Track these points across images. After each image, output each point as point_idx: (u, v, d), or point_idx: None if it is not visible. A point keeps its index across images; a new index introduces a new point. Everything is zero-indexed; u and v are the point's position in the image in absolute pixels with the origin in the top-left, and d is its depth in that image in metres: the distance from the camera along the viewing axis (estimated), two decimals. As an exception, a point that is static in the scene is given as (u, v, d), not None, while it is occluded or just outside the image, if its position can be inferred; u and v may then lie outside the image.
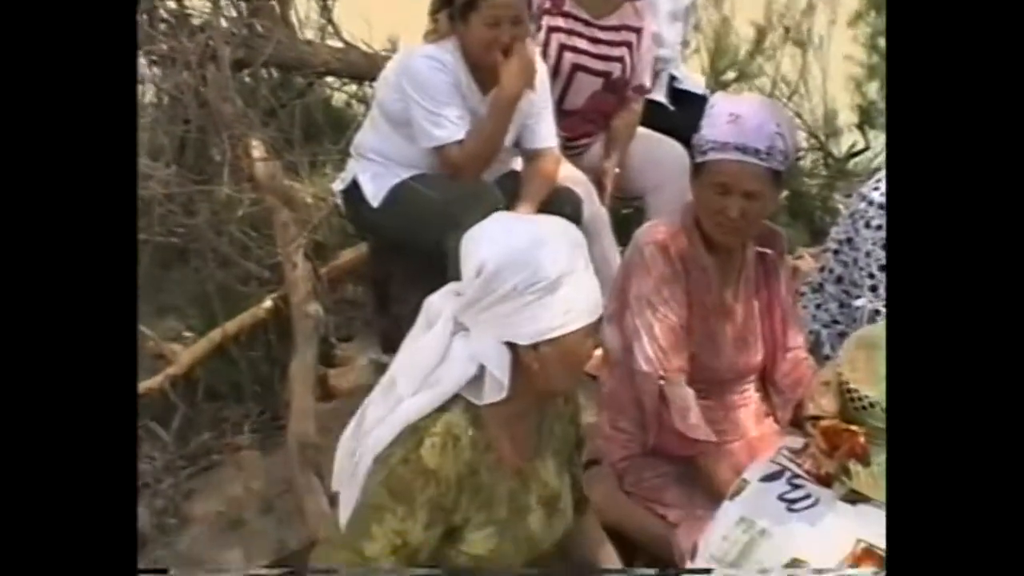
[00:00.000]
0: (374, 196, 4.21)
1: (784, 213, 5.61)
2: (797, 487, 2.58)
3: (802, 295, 3.95)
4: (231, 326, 4.54)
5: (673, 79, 5.17)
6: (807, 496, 2.55)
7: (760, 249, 3.45)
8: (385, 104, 4.21)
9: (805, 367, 3.53)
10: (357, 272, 5.00)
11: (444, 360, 2.52)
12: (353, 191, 4.29)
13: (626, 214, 5.09)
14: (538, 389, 2.56)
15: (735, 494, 2.68)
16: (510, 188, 4.15)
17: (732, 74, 6.56)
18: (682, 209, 3.41)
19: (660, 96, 5.04)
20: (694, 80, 5.36)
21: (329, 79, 6.07)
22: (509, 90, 4.06)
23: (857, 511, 2.49)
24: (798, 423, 3.24)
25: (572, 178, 4.40)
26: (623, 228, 4.46)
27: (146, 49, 5.04)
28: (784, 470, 2.62)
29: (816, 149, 6.40)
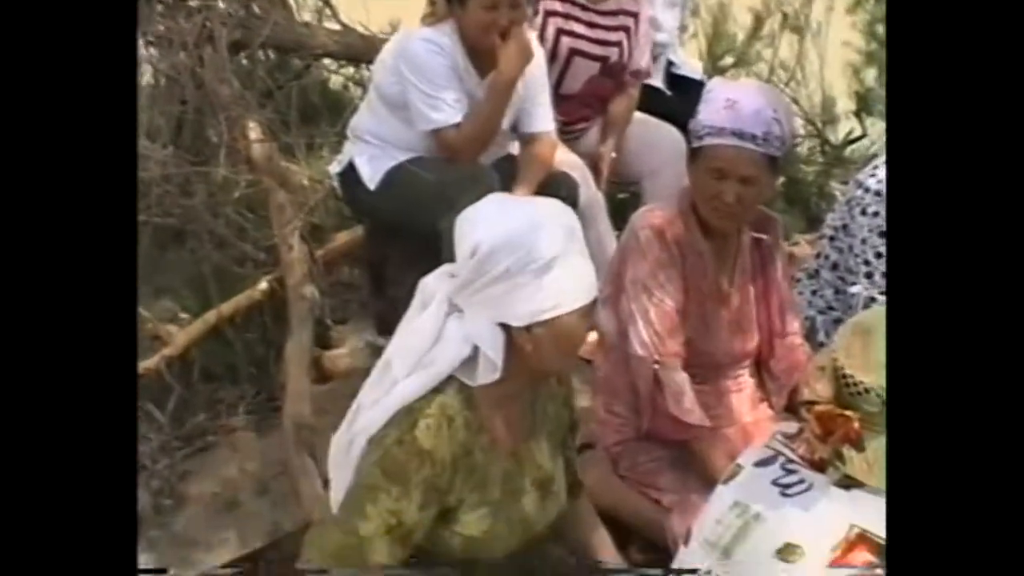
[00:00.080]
0: (371, 179, 4.21)
1: (780, 200, 5.61)
2: (791, 472, 2.58)
3: (798, 281, 3.96)
4: (227, 308, 4.53)
5: (670, 64, 5.18)
6: (801, 481, 2.56)
7: (756, 235, 3.45)
8: (382, 87, 4.20)
9: (800, 353, 3.53)
10: (353, 254, 5.00)
11: (438, 341, 2.53)
12: (350, 173, 4.29)
13: (622, 199, 5.10)
14: (532, 370, 2.56)
15: (729, 479, 2.69)
16: (507, 172, 4.15)
17: (730, 60, 6.56)
18: (678, 194, 3.41)
19: (657, 81, 5.05)
20: (691, 65, 5.36)
21: (326, 61, 6.05)
22: (506, 74, 4.05)
23: (851, 496, 2.49)
24: (793, 408, 3.25)
25: (568, 162, 4.40)
26: (619, 213, 4.47)
27: (143, 30, 5.02)
28: (778, 455, 2.63)
29: (813, 136, 6.40)
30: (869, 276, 3.69)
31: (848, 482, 2.49)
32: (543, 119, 4.28)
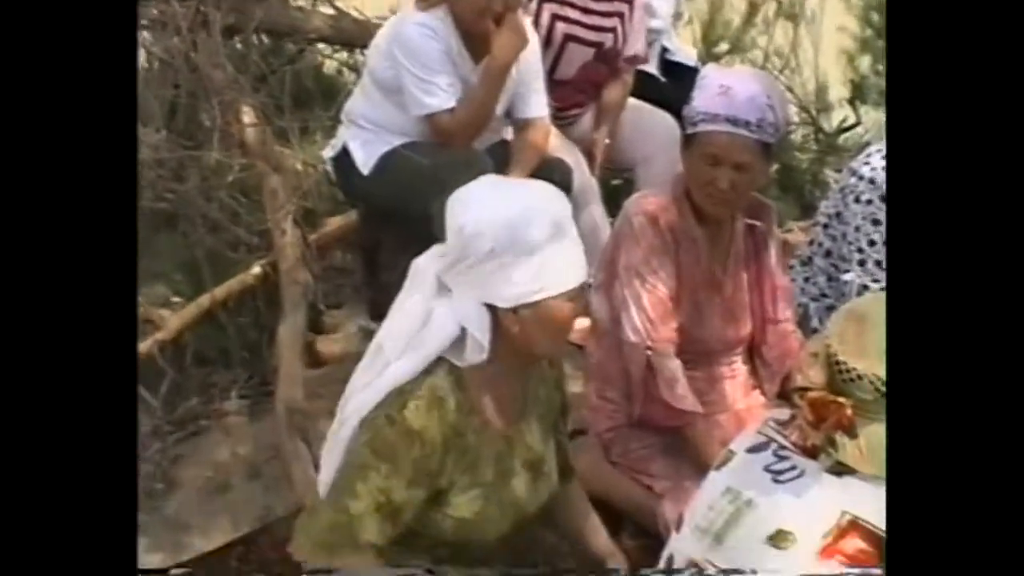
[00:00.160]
0: (364, 163, 4.20)
1: (774, 187, 5.61)
2: (783, 458, 2.58)
3: (791, 268, 3.96)
4: (220, 292, 4.53)
5: (665, 51, 5.17)
6: (793, 467, 2.56)
7: (749, 221, 3.45)
8: (376, 71, 4.20)
9: (793, 340, 3.53)
10: (347, 239, 4.99)
11: (427, 322, 2.53)
12: (343, 158, 4.28)
13: (616, 185, 5.10)
14: (519, 353, 2.57)
15: (721, 465, 2.69)
16: (500, 157, 4.14)
17: (724, 47, 6.54)
18: (672, 180, 3.41)
19: (652, 67, 5.04)
20: (686, 52, 5.36)
21: (320, 46, 6.03)
22: (500, 59, 4.05)
23: (843, 483, 2.49)
24: (786, 395, 3.25)
25: (562, 148, 4.40)
26: (613, 199, 4.46)
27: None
28: (770, 441, 2.63)
29: (807, 123, 6.39)
30: (862, 264, 3.69)
31: (840, 469, 2.49)
32: (537, 105, 4.28)
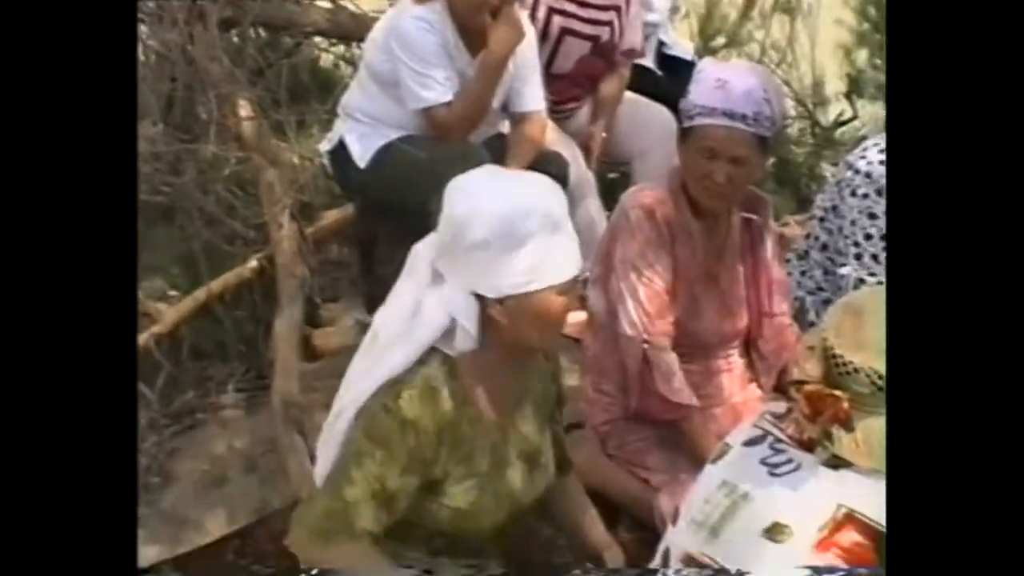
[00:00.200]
0: (361, 157, 4.20)
1: (771, 180, 5.62)
2: (779, 452, 2.58)
3: (787, 262, 3.96)
4: (216, 285, 4.53)
5: (662, 44, 5.17)
6: (789, 461, 2.56)
7: (746, 215, 3.45)
8: (373, 65, 4.19)
9: (789, 333, 3.53)
10: (343, 232, 4.99)
11: (419, 310, 2.54)
12: (340, 151, 4.28)
13: (613, 179, 5.10)
14: (511, 344, 2.56)
15: (717, 458, 2.69)
16: (497, 151, 4.14)
17: (721, 40, 6.54)
18: (669, 174, 3.41)
19: (648, 61, 5.04)
20: (682, 46, 5.36)
21: (317, 39, 6.04)
22: (497, 52, 4.04)
23: (839, 476, 2.49)
24: (782, 389, 3.25)
25: (559, 142, 4.40)
26: (610, 193, 4.46)
27: (132, 7, 5.00)
28: (767, 435, 2.63)
29: (804, 117, 6.40)
30: (858, 257, 3.69)
31: (836, 462, 2.50)
32: (534, 98, 4.27)
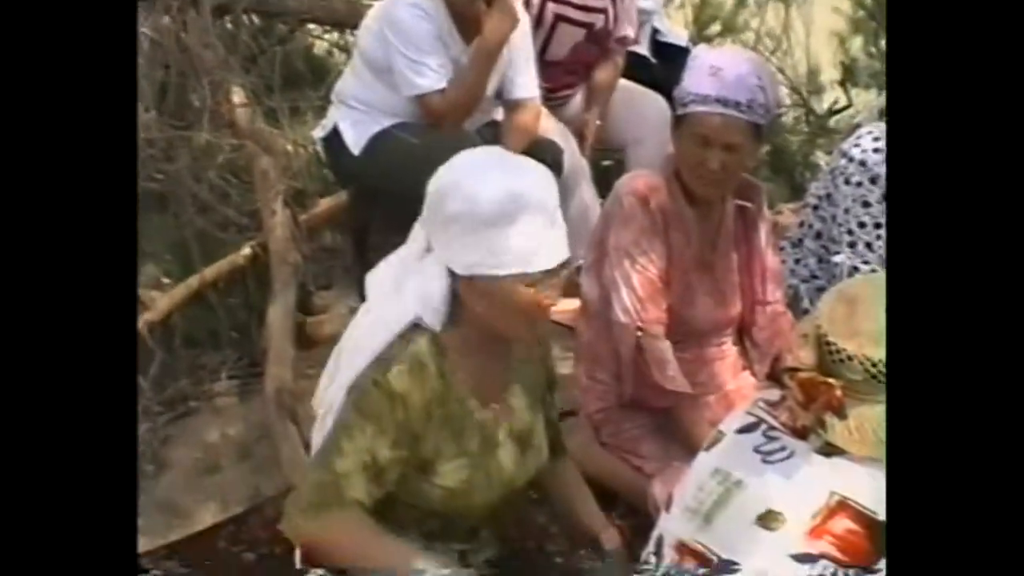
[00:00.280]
0: (355, 144, 4.20)
1: (765, 169, 5.62)
2: (773, 439, 2.57)
3: (781, 250, 3.95)
4: (209, 273, 4.53)
5: (656, 32, 5.16)
6: (782, 448, 2.55)
7: (740, 202, 3.45)
8: (367, 52, 4.19)
9: (783, 321, 3.54)
10: (337, 220, 4.99)
11: (405, 281, 2.56)
12: (334, 139, 4.28)
13: (607, 166, 5.09)
14: (481, 325, 2.56)
15: (711, 445, 2.68)
16: (491, 138, 4.13)
17: (716, 28, 6.55)
18: (663, 161, 3.42)
19: (643, 49, 5.03)
20: (677, 33, 5.35)
21: (311, 26, 6.03)
22: (491, 40, 4.04)
23: (832, 464, 2.49)
24: (776, 377, 3.25)
25: (553, 129, 4.39)
26: (604, 181, 4.46)
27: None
28: (760, 422, 2.62)
29: (798, 106, 6.40)
30: (852, 245, 3.69)
31: (830, 449, 2.49)
32: (528, 86, 4.27)
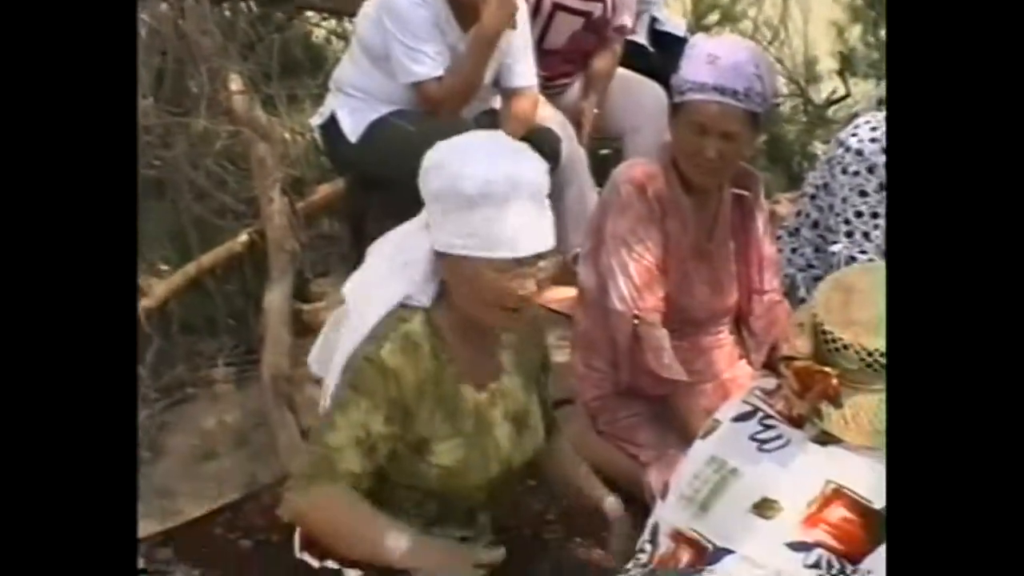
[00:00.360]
0: (352, 131, 4.20)
1: (763, 158, 5.62)
2: (769, 427, 2.58)
3: (778, 239, 3.95)
4: (206, 260, 4.52)
5: (654, 21, 5.15)
6: (778, 437, 2.56)
7: (737, 191, 3.45)
8: (365, 39, 4.19)
9: (779, 310, 3.54)
10: (334, 207, 4.99)
11: (402, 253, 2.61)
12: (331, 126, 4.28)
13: (604, 155, 5.09)
14: (462, 305, 2.59)
15: (707, 434, 2.69)
16: (488, 126, 4.11)
17: (714, 18, 6.54)
18: (660, 149, 3.42)
19: (641, 38, 5.03)
20: (675, 22, 5.34)
21: (309, 14, 6.03)
22: (489, 27, 4.04)
23: (828, 452, 2.49)
24: (772, 365, 3.25)
25: (550, 118, 4.39)
26: (602, 169, 4.45)
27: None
28: (756, 410, 2.63)
29: (796, 95, 6.40)
30: (849, 235, 3.69)
31: (825, 438, 2.49)
32: (525, 74, 4.27)
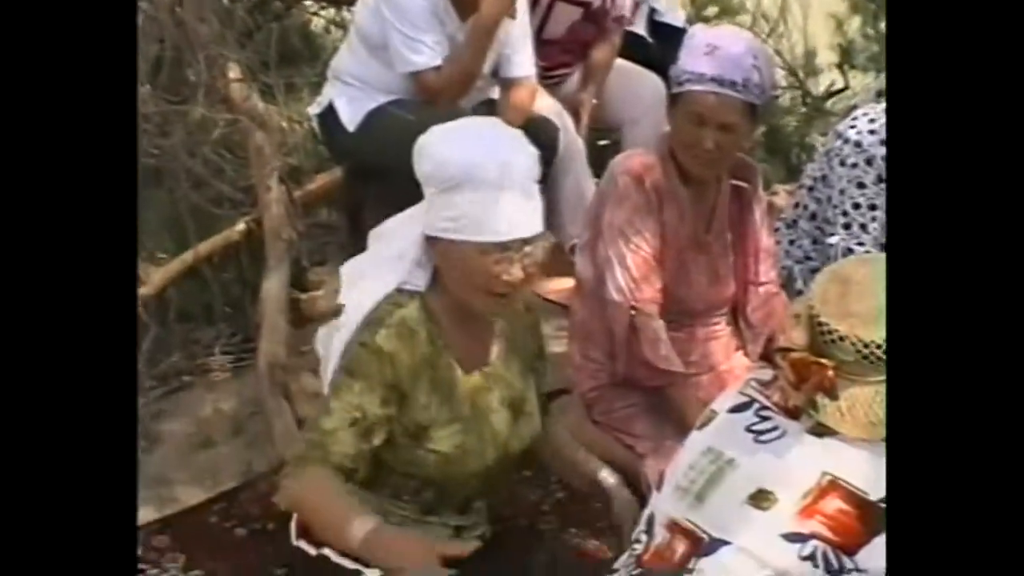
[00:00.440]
0: (350, 120, 4.20)
1: (761, 150, 5.61)
2: (765, 419, 2.58)
3: (776, 231, 3.95)
4: (204, 248, 4.53)
5: (653, 12, 5.14)
6: (775, 428, 2.55)
7: (735, 182, 3.45)
8: (363, 28, 4.18)
9: (776, 302, 3.54)
10: (331, 196, 4.99)
11: (398, 237, 2.65)
12: (329, 115, 4.27)
13: (603, 146, 5.08)
14: (453, 289, 2.61)
15: (703, 425, 2.68)
16: (486, 116, 4.12)
17: (713, 10, 6.53)
18: (658, 140, 3.41)
19: (640, 28, 5.02)
20: (674, 13, 5.33)
21: (307, 3, 6.02)
22: (488, 17, 4.03)
23: (823, 444, 2.49)
24: (768, 356, 3.25)
25: (549, 108, 4.38)
26: (600, 160, 4.45)
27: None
28: (752, 401, 2.62)
29: (795, 87, 6.39)
30: (847, 227, 3.70)
31: (821, 430, 2.49)
32: (524, 64, 4.27)
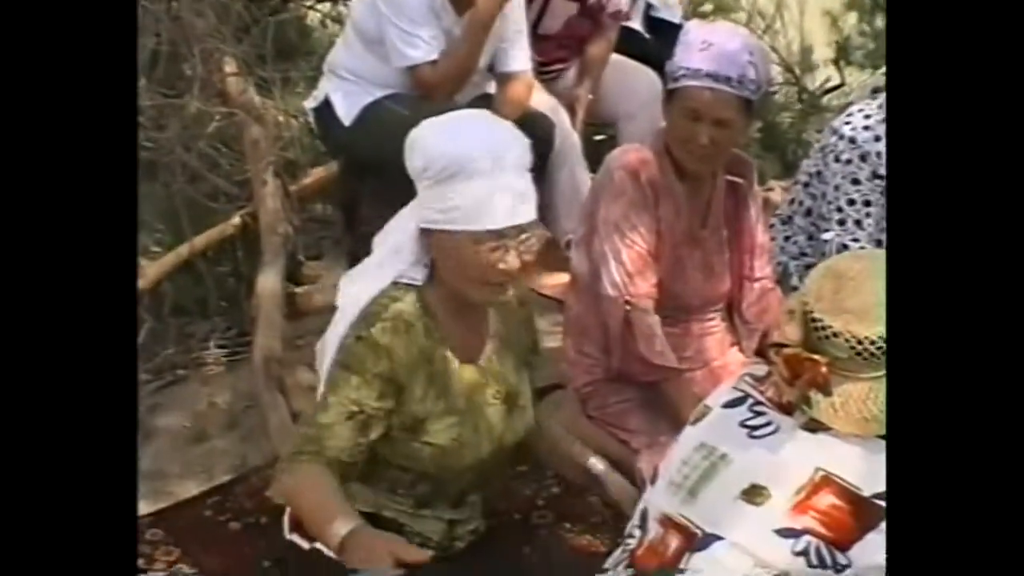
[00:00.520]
0: (346, 115, 4.20)
1: (757, 146, 5.61)
2: (759, 414, 2.58)
3: (771, 227, 3.95)
4: (199, 241, 4.52)
5: (650, 7, 5.15)
6: (768, 423, 2.56)
7: (730, 178, 3.45)
8: (359, 22, 4.18)
9: (772, 298, 3.54)
10: (327, 191, 4.98)
11: (394, 233, 2.66)
12: (325, 109, 4.27)
13: (598, 141, 5.09)
14: (449, 281, 2.62)
15: (697, 420, 2.69)
16: (482, 111, 4.13)
17: (709, 6, 6.53)
18: (654, 135, 3.41)
19: (636, 24, 5.02)
20: (671, 9, 5.33)
21: (304, -3, 6.02)
22: (484, 12, 4.03)
23: (817, 440, 2.49)
24: (762, 352, 3.26)
25: (545, 103, 4.38)
26: (596, 155, 4.45)
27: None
28: (746, 397, 2.63)
29: (791, 84, 6.39)
30: (842, 223, 3.70)
31: (815, 426, 2.49)
32: (520, 59, 4.27)
